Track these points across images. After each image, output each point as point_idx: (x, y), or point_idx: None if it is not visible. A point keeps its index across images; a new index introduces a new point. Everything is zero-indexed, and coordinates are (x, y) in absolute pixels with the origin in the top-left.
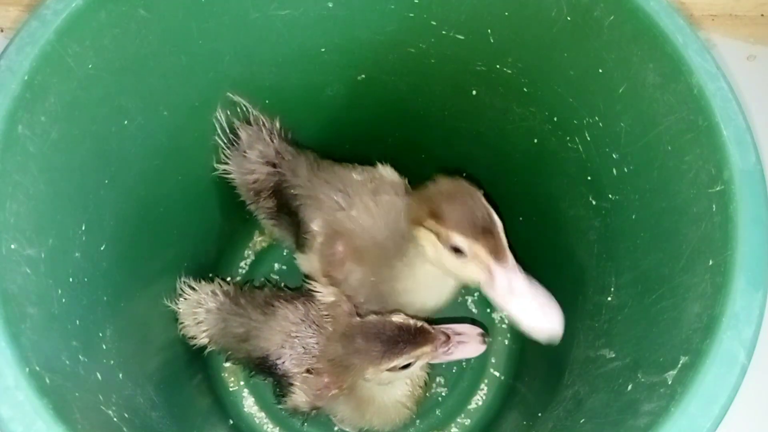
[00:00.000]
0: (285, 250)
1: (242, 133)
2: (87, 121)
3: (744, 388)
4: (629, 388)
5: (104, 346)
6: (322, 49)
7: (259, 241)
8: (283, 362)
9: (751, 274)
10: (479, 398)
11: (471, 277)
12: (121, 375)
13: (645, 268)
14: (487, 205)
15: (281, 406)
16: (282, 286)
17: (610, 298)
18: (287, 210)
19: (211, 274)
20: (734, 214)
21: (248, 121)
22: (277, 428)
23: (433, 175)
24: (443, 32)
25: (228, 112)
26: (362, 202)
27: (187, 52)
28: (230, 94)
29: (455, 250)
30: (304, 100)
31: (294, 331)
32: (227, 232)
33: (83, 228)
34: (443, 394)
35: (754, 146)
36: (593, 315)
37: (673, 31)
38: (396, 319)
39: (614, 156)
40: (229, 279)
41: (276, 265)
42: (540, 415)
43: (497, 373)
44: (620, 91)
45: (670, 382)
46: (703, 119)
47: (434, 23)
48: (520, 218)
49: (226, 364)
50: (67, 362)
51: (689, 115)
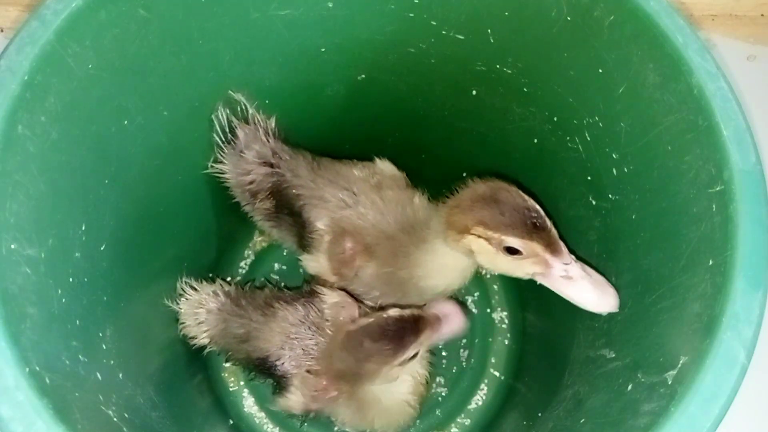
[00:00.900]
0: (285, 250)
1: (240, 133)
2: (87, 121)
3: (744, 388)
4: (629, 388)
5: (104, 346)
6: (322, 49)
7: (259, 241)
8: (283, 363)
9: (751, 274)
10: (479, 398)
11: (527, 273)
12: (121, 375)
13: (645, 268)
14: (529, 199)
15: (273, 407)
16: (282, 287)
17: None
18: (288, 211)
19: (211, 274)
20: (734, 214)
21: (246, 121)
22: (277, 428)
23: (466, 180)
24: (443, 32)
25: (227, 111)
26: (368, 199)
27: (187, 52)
28: (231, 92)
29: (510, 251)
30: (304, 100)
31: (294, 333)
32: (227, 232)
33: (83, 228)
34: (443, 394)
35: (754, 146)
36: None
37: (673, 31)
38: (392, 313)
39: (614, 156)
40: (229, 279)
41: (276, 265)
42: (540, 415)
43: (497, 373)
44: (620, 91)
45: (670, 382)
46: (703, 119)
47: (434, 23)
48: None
49: (226, 365)
50: (67, 362)
51: (689, 115)
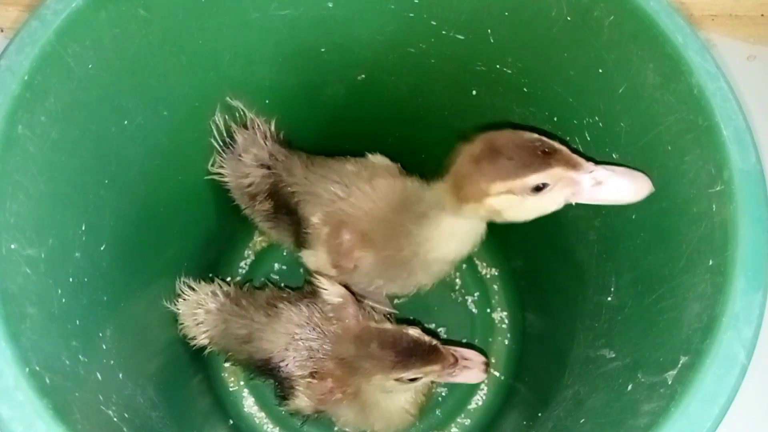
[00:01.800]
0: (285, 251)
1: (238, 137)
2: (87, 121)
3: (744, 388)
4: (629, 388)
5: (104, 346)
6: (322, 49)
7: (259, 241)
8: (287, 365)
9: (751, 274)
10: (479, 398)
11: (558, 202)
12: (121, 375)
13: (645, 268)
14: (524, 132)
15: (283, 408)
16: (283, 287)
17: (610, 298)
18: (286, 210)
19: (211, 274)
20: (734, 214)
21: (245, 125)
22: (277, 428)
23: (453, 149)
24: (443, 32)
25: (226, 116)
26: (360, 189)
27: (187, 52)
28: (228, 99)
29: (536, 189)
30: (304, 100)
31: (298, 334)
32: (227, 232)
33: (83, 228)
34: (443, 394)
35: (754, 146)
36: (593, 315)
37: (673, 31)
38: (413, 332)
39: (614, 156)
40: (229, 279)
41: (276, 265)
42: (540, 415)
43: (497, 373)
44: (620, 91)
45: (670, 382)
46: (703, 119)
47: (434, 23)
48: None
49: (227, 365)
50: (67, 362)
51: (689, 115)
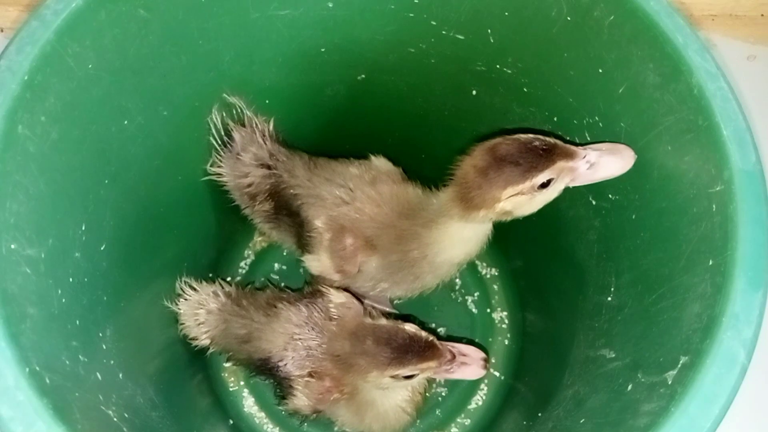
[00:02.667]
0: (285, 251)
1: (236, 135)
2: (87, 121)
3: (744, 388)
4: (629, 388)
5: (104, 346)
6: (322, 49)
7: (259, 241)
8: (285, 364)
9: (751, 274)
10: (479, 398)
11: (560, 190)
12: (121, 375)
13: (645, 268)
14: (520, 135)
15: (282, 408)
16: (283, 287)
17: (610, 298)
18: (287, 211)
19: (211, 274)
20: (734, 214)
21: (242, 123)
22: (277, 428)
23: (453, 149)
24: (443, 32)
25: (223, 114)
26: (364, 194)
27: (187, 52)
28: (226, 95)
29: (543, 186)
30: (304, 100)
31: (297, 334)
32: (227, 232)
33: (83, 228)
34: (443, 394)
35: (754, 146)
36: (593, 315)
37: (673, 31)
38: (409, 328)
39: None
40: (229, 279)
41: (276, 265)
42: (540, 415)
43: (497, 373)
44: (620, 91)
45: (670, 382)
46: (703, 119)
47: (434, 23)
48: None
49: (227, 365)
50: (67, 362)
51: (689, 115)
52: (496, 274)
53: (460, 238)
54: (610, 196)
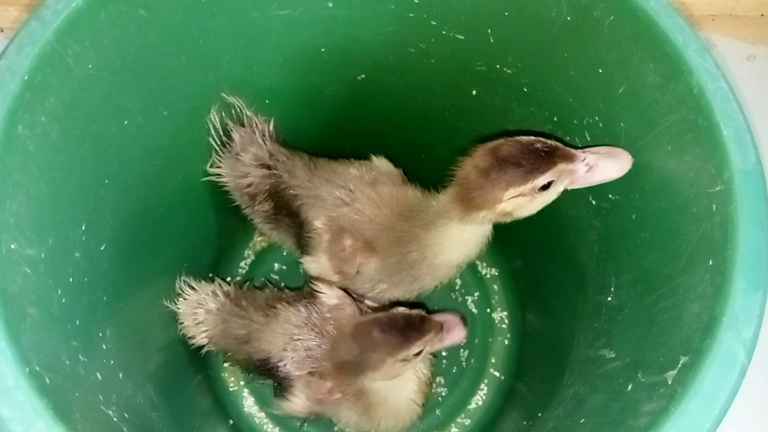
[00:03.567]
0: (285, 251)
1: (235, 135)
2: (87, 121)
3: (744, 388)
4: (629, 388)
5: (104, 346)
6: (322, 49)
7: (259, 241)
8: (285, 365)
9: (751, 274)
10: (479, 398)
11: (559, 192)
12: (121, 375)
13: (645, 268)
14: (521, 137)
15: (276, 411)
16: (282, 287)
17: (610, 298)
18: (287, 212)
19: (211, 274)
20: (734, 214)
21: (242, 123)
22: (277, 428)
23: (455, 164)
24: (443, 32)
25: (223, 114)
26: (364, 195)
27: (187, 52)
28: (225, 95)
29: (544, 188)
30: (304, 100)
31: (296, 334)
32: (227, 232)
33: (83, 228)
34: (443, 394)
35: (754, 146)
36: (593, 315)
37: (673, 31)
38: (402, 310)
39: None
40: (228, 279)
41: (276, 265)
42: (540, 415)
43: (497, 373)
44: (620, 91)
45: (670, 382)
46: (703, 119)
47: (434, 23)
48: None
49: (226, 365)
50: (67, 362)
51: (689, 115)
52: (496, 274)
53: (459, 240)
54: (610, 196)
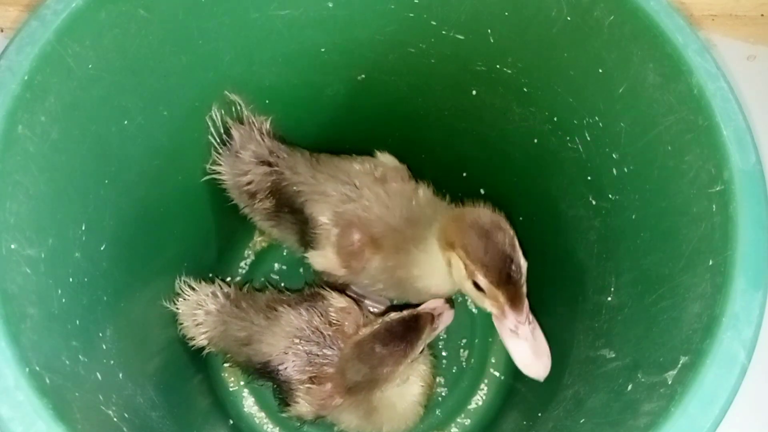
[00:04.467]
0: (285, 250)
1: (235, 133)
2: (87, 121)
3: (744, 388)
4: (629, 388)
5: (104, 346)
6: (322, 49)
7: (259, 241)
8: (286, 368)
9: (751, 274)
10: (479, 398)
11: (485, 307)
12: (121, 375)
13: (645, 268)
14: (517, 247)
15: (284, 414)
16: (282, 288)
17: (610, 298)
18: (289, 209)
19: (211, 274)
20: (734, 214)
21: (241, 121)
22: (277, 428)
23: (472, 201)
24: (443, 32)
25: (222, 112)
26: (372, 192)
27: (187, 52)
28: (226, 93)
29: (476, 285)
30: (304, 100)
31: (297, 338)
32: (227, 232)
33: (83, 228)
34: (443, 394)
35: (754, 146)
36: (593, 315)
37: (673, 31)
38: (393, 316)
39: (614, 156)
40: (228, 279)
41: (276, 265)
42: (540, 415)
43: (497, 373)
44: (620, 91)
45: (670, 382)
46: (703, 119)
47: (434, 23)
48: (520, 218)
49: (225, 365)
50: (67, 362)
51: (689, 115)
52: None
53: (437, 267)
54: (610, 196)
